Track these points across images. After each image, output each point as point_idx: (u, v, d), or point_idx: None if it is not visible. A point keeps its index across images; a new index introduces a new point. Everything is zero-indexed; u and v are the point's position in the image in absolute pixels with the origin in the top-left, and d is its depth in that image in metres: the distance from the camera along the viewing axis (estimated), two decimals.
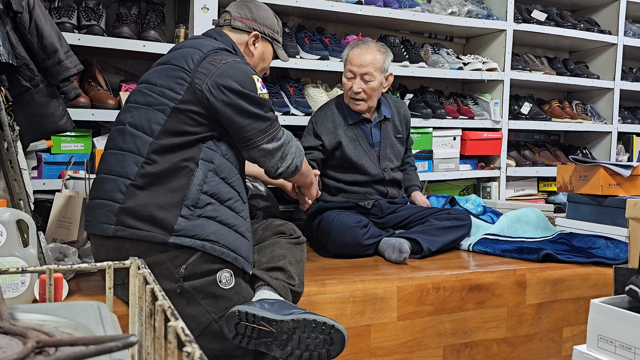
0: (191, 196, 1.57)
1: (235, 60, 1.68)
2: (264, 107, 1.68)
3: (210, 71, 1.63)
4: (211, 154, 1.64)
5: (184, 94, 1.62)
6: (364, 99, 2.44)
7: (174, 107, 1.61)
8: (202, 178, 1.60)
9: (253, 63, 1.88)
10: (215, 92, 1.61)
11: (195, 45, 1.72)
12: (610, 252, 2.33)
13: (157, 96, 1.64)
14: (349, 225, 2.24)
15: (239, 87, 1.63)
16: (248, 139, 1.67)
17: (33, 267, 0.98)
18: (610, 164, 2.49)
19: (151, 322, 0.75)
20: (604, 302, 1.46)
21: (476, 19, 3.37)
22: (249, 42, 1.87)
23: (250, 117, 1.65)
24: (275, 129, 1.70)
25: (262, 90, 1.69)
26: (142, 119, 1.63)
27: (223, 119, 1.64)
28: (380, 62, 2.43)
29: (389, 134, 2.57)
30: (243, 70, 1.66)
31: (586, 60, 4.10)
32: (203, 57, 1.66)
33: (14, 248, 1.51)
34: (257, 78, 1.68)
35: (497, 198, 3.46)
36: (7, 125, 1.67)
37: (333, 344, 1.52)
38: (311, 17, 3.23)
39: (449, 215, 2.43)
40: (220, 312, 1.59)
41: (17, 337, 0.63)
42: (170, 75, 1.66)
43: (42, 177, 2.37)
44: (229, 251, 1.59)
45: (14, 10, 1.70)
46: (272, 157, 1.70)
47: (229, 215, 1.62)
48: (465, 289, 2.03)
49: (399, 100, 2.75)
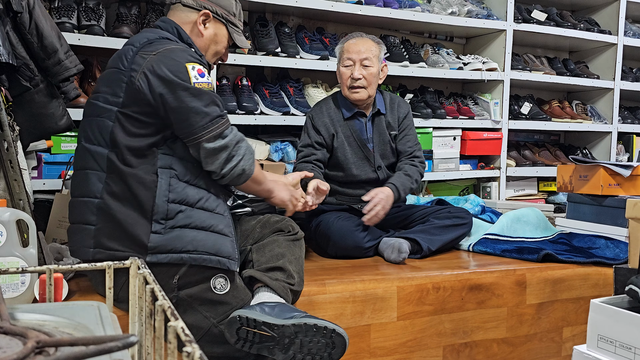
0: (159, 209, 1.53)
1: (168, 48, 1.56)
2: (202, 99, 1.54)
3: (140, 65, 1.53)
4: (168, 160, 1.57)
5: (124, 96, 1.54)
6: (364, 86, 2.40)
7: (117, 111, 1.54)
8: (165, 188, 1.54)
9: (203, 44, 1.75)
10: (148, 85, 1.52)
11: (130, 41, 1.64)
12: (610, 252, 2.33)
13: (102, 104, 1.57)
14: (349, 229, 2.23)
15: (171, 76, 1.52)
16: (186, 135, 1.56)
17: (33, 267, 0.98)
18: (610, 164, 2.49)
19: (151, 322, 0.75)
20: (604, 302, 1.46)
21: (476, 19, 3.37)
22: (198, 21, 1.72)
23: (185, 111, 1.53)
24: (218, 126, 1.57)
25: (199, 79, 1.54)
26: (94, 131, 1.57)
27: (163, 115, 1.54)
28: (376, 50, 2.44)
29: (381, 129, 2.50)
30: (174, 58, 1.54)
31: (586, 60, 4.10)
32: (136, 52, 1.56)
33: (14, 248, 1.51)
34: (193, 66, 1.54)
35: (497, 198, 3.46)
36: (7, 125, 1.67)
37: (335, 348, 1.52)
38: (311, 17, 3.23)
39: (449, 213, 2.42)
40: (219, 317, 1.58)
41: (17, 337, 0.63)
42: (111, 79, 1.58)
43: (42, 177, 2.37)
44: (210, 256, 1.55)
45: (14, 10, 1.70)
46: (215, 157, 1.58)
47: (204, 217, 1.57)
48: (465, 289, 2.03)
49: (398, 97, 2.67)
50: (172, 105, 1.53)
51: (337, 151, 2.44)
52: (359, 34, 2.50)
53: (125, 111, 1.53)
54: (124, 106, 1.54)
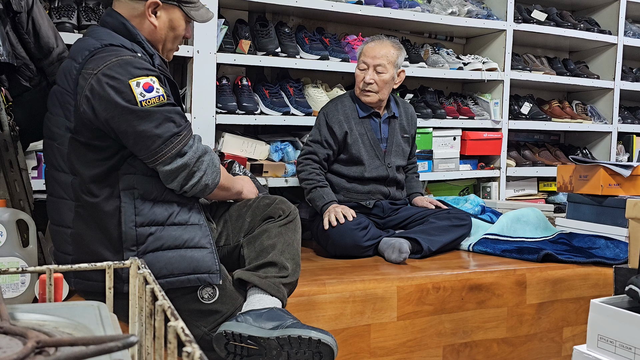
0: (127, 237, 1.47)
1: (109, 63, 1.41)
2: (151, 120, 1.40)
3: (83, 88, 1.41)
4: (131, 179, 1.47)
5: (74, 121, 1.44)
6: (375, 91, 2.46)
7: (70, 137, 1.45)
8: (131, 212, 1.46)
9: (159, 36, 1.61)
10: (92, 109, 1.40)
11: (73, 53, 1.50)
12: (610, 252, 2.33)
13: (56, 129, 1.48)
14: (348, 228, 2.24)
15: (114, 98, 1.38)
16: (142, 158, 1.46)
17: (33, 267, 0.98)
18: (610, 164, 2.49)
19: (151, 322, 0.75)
20: (604, 302, 1.46)
21: (476, 19, 3.36)
22: (147, 13, 1.55)
23: (134, 135, 1.41)
24: (173, 145, 1.44)
25: (146, 96, 1.40)
26: (56, 157, 1.50)
27: (115, 137, 1.43)
28: (393, 56, 2.46)
29: (396, 131, 2.59)
30: (115, 77, 1.39)
31: (586, 60, 4.09)
32: (79, 70, 1.43)
33: (14, 248, 1.51)
34: (137, 82, 1.40)
35: (497, 198, 3.46)
36: (7, 125, 1.67)
37: (322, 357, 1.48)
38: (311, 17, 3.22)
39: (449, 214, 2.43)
40: (210, 325, 1.56)
41: (17, 337, 0.63)
42: (61, 100, 1.48)
43: (42, 177, 2.37)
44: (187, 276, 1.51)
45: (14, 10, 1.70)
46: (174, 176, 1.48)
47: (176, 235, 1.51)
48: (465, 289, 2.03)
49: (406, 102, 2.79)
50: (119, 130, 1.42)
51: (352, 148, 2.47)
52: (379, 37, 2.55)
53: (78, 138, 1.45)
54: (76, 132, 1.45)
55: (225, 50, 2.69)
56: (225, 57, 2.67)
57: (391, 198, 2.55)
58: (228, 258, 1.72)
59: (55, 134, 1.49)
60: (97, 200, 1.46)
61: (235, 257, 1.73)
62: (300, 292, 1.77)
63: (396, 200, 2.57)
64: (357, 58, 2.54)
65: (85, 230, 1.49)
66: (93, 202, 1.47)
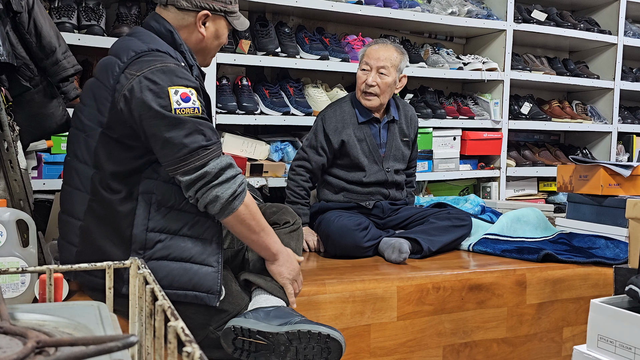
0: (137, 239, 1.46)
1: (154, 68, 1.42)
2: (181, 128, 1.40)
3: (124, 86, 1.42)
4: (151, 184, 1.47)
5: (108, 116, 1.44)
6: (377, 94, 2.43)
7: (101, 132, 1.46)
8: (144, 216, 1.46)
9: (205, 45, 1.64)
10: (128, 108, 1.42)
11: (118, 51, 1.50)
12: (610, 252, 2.33)
13: (87, 121, 1.49)
14: (348, 228, 2.24)
15: (150, 101, 1.39)
16: (164, 165, 1.45)
17: (33, 267, 0.98)
18: (610, 164, 2.49)
19: (151, 322, 0.75)
20: (604, 302, 1.46)
21: (476, 19, 3.37)
22: (198, 24, 1.59)
23: (161, 140, 1.41)
24: (198, 158, 1.41)
25: (181, 105, 1.40)
26: (81, 148, 1.50)
27: (144, 139, 1.44)
28: (397, 60, 2.45)
29: (395, 136, 2.56)
30: (157, 81, 1.40)
31: (586, 60, 4.10)
32: (122, 68, 1.44)
33: (14, 248, 1.51)
34: (176, 90, 1.41)
35: (497, 198, 3.46)
36: (7, 125, 1.67)
37: (331, 352, 1.50)
38: (311, 17, 3.23)
39: (449, 215, 2.43)
40: (216, 323, 1.57)
41: (17, 337, 0.63)
42: (97, 94, 1.48)
43: (42, 177, 2.37)
44: (185, 292, 1.49)
45: (14, 10, 1.70)
46: (193, 186, 1.44)
47: (184, 247, 1.49)
48: (465, 289, 2.03)
49: (407, 103, 2.76)
50: (150, 132, 1.42)
51: (350, 154, 2.45)
52: (384, 41, 2.54)
53: (109, 133, 1.46)
54: (108, 127, 1.45)
55: (225, 50, 2.70)
56: (225, 57, 2.68)
57: (391, 199, 2.55)
58: (232, 261, 1.74)
59: (85, 125, 1.50)
60: (114, 198, 1.47)
61: (239, 259, 1.74)
62: (301, 292, 1.77)
63: (396, 201, 2.57)
64: (359, 60, 2.52)
65: (95, 225, 1.49)
66: (109, 199, 1.47)
